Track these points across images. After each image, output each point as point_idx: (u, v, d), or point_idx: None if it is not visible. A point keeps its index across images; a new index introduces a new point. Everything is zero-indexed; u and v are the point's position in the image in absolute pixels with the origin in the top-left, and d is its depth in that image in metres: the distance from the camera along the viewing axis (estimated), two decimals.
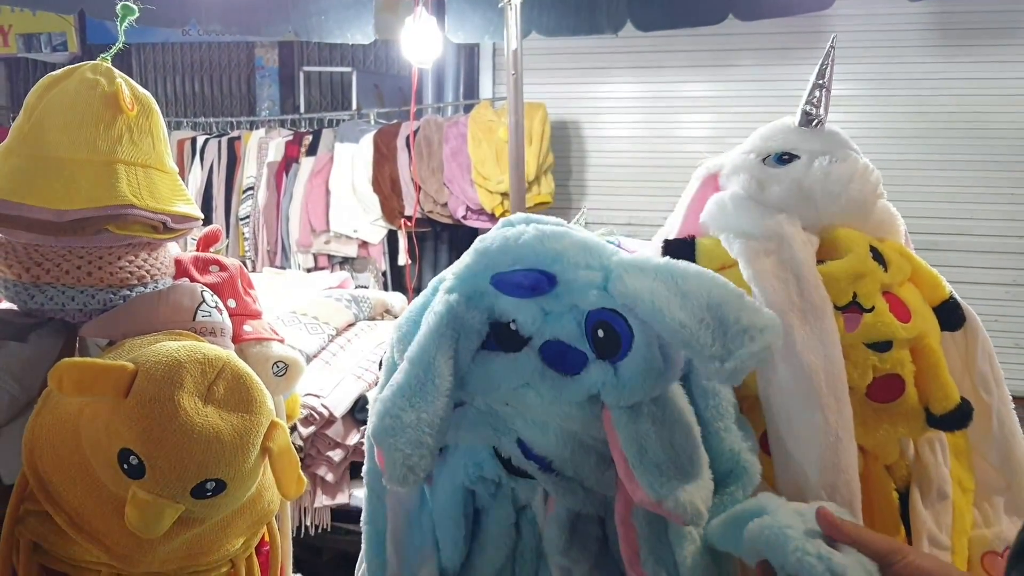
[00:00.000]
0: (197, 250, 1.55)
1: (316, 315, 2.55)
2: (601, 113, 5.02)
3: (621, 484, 0.99)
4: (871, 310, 1.04)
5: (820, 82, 1.17)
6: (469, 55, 5.16)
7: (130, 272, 1.26)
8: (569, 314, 0.95)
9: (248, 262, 4.73)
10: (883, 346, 1.05)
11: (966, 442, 1.17)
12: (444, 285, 0.99)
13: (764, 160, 1.16)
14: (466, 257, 0.99)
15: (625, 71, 4.93)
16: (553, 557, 1.05)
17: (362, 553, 1.15)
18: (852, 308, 1.04)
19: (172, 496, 1.02)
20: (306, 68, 5.61)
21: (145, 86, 1.34)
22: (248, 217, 4.73)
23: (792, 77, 4.57)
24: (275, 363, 1.47)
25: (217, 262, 1.51)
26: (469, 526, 1.06)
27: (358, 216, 4.52)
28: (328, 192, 4.56)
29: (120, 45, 1.27)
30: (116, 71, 1.25)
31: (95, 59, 1.28)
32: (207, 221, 4.76)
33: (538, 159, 4.40)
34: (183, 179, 4.97)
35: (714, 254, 1.12)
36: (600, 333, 0.93)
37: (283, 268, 4.56)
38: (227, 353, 1.13)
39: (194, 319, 1.24)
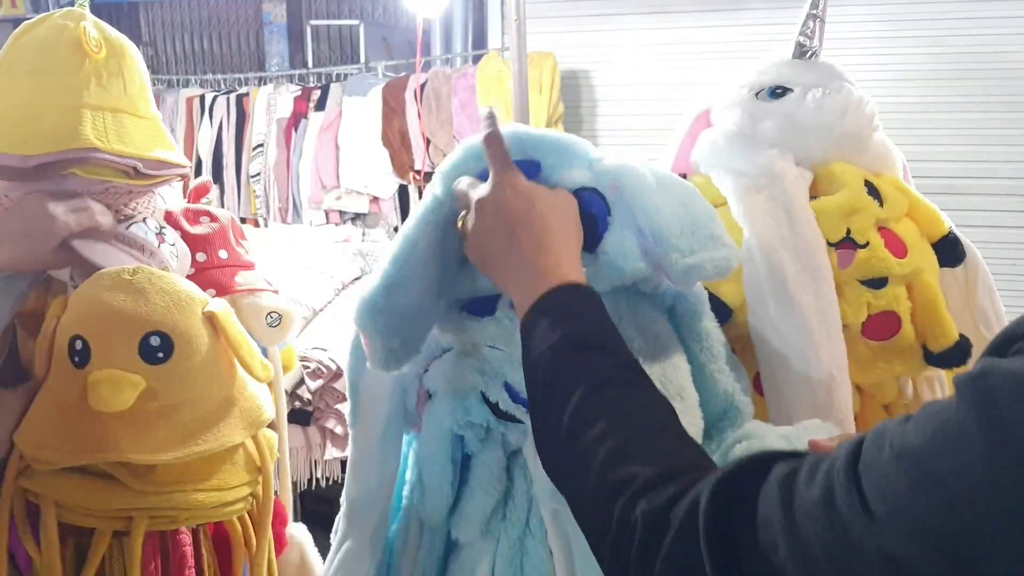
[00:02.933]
0: (188, 202, 1.54)
1: (322, 269, 2.55)
2: (613, 61, 4.92)
3: None
4: (865, 246, 1.02)
5: (814, 12, 1.13)
6: (478, 5, 5.08)
7: None
8: None
9: (260, 220, 4.73)
10: (878, 283, 1.03)
11: None
12: (431, 183, 1.01)
13: (757, 94, 1.12)
14: (450, 155, 1.00)
15: (637, 18, 4.83)
16: (544, 500, 1.05)
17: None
18: (846, 244, 1.02)
19: (122, 364, 1.08)
20: (313, 22, 5.55)
21: (153, 44, 1.34)
22: (259, 174, 4.71)
23: None
24: (269, 314, 1.47)
25: (208, 213, 1.50)
26: (457, 471, 1.05)
27: (368, 171, 4.50)
28: (338, 147, 4.54)
29: None
30: (87, 15, 1.25)
31: (102, 18, 1.28)
32: (218, 179, 4.76)
33: (548, 110, 4.35)
34: (193, 137, 4.96)
35: (704, 193, 1.09)
36: None
37: (293, 224, 4.56)
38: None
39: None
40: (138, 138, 1.27)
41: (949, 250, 1.11)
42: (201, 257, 1.43)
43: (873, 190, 1.05)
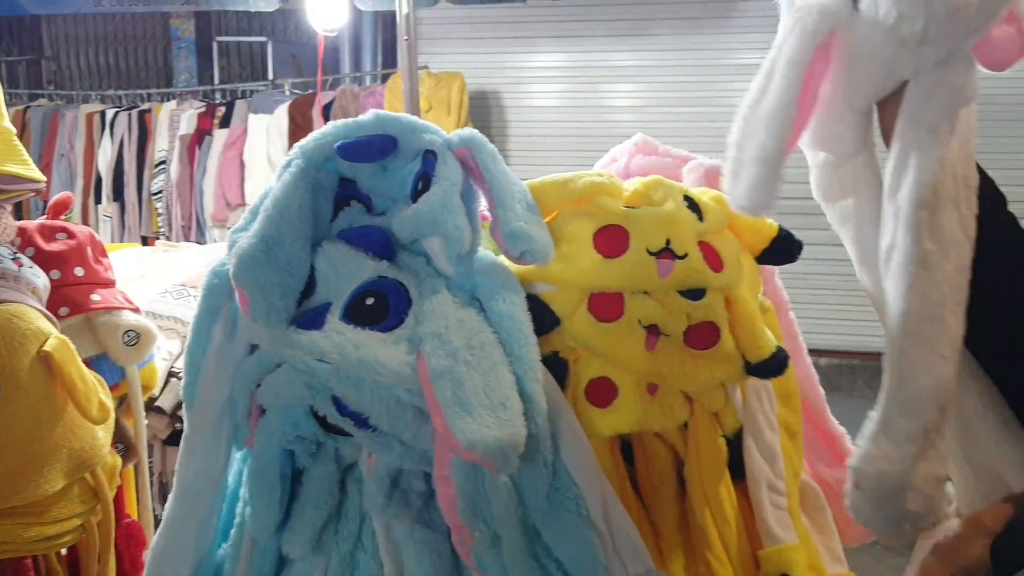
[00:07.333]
0: (47, 217, 1.50)
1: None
2: (522, 83, 4.99)
3: (439, 437, 0.98)
4: (684, 257, 1.04)
5: None
6: (389, 24, 5.09)
7: None
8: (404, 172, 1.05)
9: (163, 238, 4.63)
10: (696, 294, 1.05)
11: (793, 385, 1.18)
12: (290, 158, 1.05)
13: None
14: (310, 136, 1.06)
15: (545, 40, 4.91)
16: (374, 513, 1.04)
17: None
18: (665, 254, 1.04)
19: None
20: (220, 38, 5.48)
21: (56, 58, 1.31)
22: (161, 192, 4.62)
23: (709, 46, 4.60)
24: (126, 332, 1.44)
25: (65, 229, 1.47)
26: (287, 487, 1.04)
27: None
28: (243, 165, 4.48)
29: None
30: None
31: (3, 32, 1.24)
32: (118, 196, 4.65)
33: (456, 128, 4.37)
34: (93, 154, 4.81)
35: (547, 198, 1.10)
36: (419, 185, 1.03)
37: (199, 243, 4.48)
38: None
39: None
40: None
41: (784, 248, 1.13)
42: (55, 275, 1.39)
43: (693, 204, 1.08)
